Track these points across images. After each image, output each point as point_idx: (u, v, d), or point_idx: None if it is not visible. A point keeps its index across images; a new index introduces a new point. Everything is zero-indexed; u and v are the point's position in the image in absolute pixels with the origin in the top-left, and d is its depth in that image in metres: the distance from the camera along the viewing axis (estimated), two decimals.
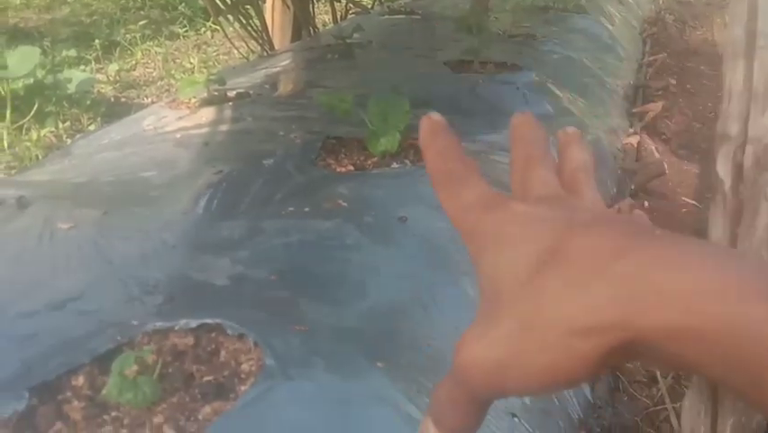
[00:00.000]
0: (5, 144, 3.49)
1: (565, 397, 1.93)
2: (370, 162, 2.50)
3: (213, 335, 1.56)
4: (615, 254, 0.42)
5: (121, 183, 2.34)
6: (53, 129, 3.71)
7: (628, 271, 0.41)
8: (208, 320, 1.57)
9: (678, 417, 2.22)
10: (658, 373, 2.37)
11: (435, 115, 0.58)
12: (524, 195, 0.54)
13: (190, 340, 1.55)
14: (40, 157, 3.33)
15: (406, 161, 2.50)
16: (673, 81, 5.36)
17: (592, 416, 1.93)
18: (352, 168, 2.47)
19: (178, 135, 2.78)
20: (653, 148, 4.10)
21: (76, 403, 1.39)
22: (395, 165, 2.46)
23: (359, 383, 1.50)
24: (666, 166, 3.43)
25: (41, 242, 1.93)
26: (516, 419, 1.71)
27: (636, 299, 0.41)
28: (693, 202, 3.71)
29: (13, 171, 3.14)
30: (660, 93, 4.95)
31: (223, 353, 1.52)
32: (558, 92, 3.67)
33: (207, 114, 3.01)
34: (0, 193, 2.26)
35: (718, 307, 0.39)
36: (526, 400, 1.80)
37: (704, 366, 0.40)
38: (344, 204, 2.16)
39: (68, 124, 3.85)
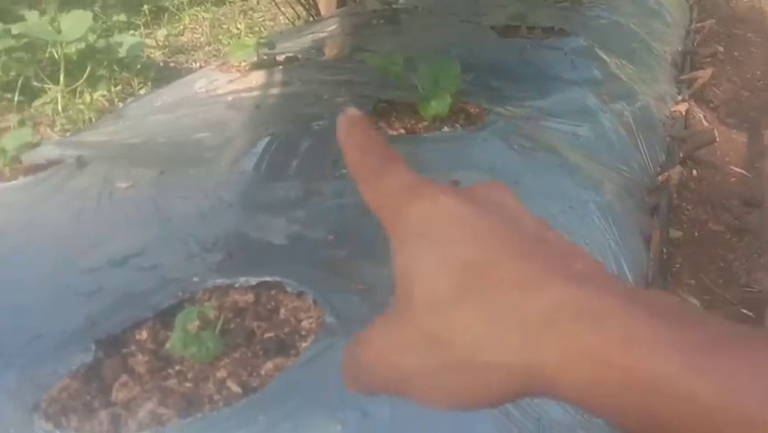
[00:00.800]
0: (60, 108, 3.53)
1: None
2: (420, 126, 2.50)
3: (272, 292, 1.58)
4: (532, 290, 0.41)
5: (175, 144, 2.36)
6: (105, 93, 3.75)
7: (542, 312, 0.40)
8: (268, 278, 1.59)
9: None
10: None
11: (352, 110, 0.54)
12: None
13: (250, 297, 1.57)
14: (93, 119, 3.37)
15: (457, 126, 2.50)
16: (721, 48, 5.27)
17: None
18: (403, 131, 2.47)
19: (230, 98, 2.80)
20: (701, 116, 4.04)
21: (140, 357, 1.42)
22: (446, 129, 2.46)
23: None
24: (717, 134, 3.38)
25: (100, 200, 1.97)
26: None
27: (546, 347, 0.40)
28: (742, 171, 3.66)
29: (67, 134, 3.18)
30: (708, 60, 4.87)
31: (282, 310, 1.54)
32: (606, 57, 3.62)
33: (258, 77, 3.02)
34: (58, 153, 2.30)
35: (626, 359, 0.37)
36: None
37: (612, 417, 0.39)
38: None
39: (119, 87, 3.89)
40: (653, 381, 0.36)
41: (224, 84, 2.99)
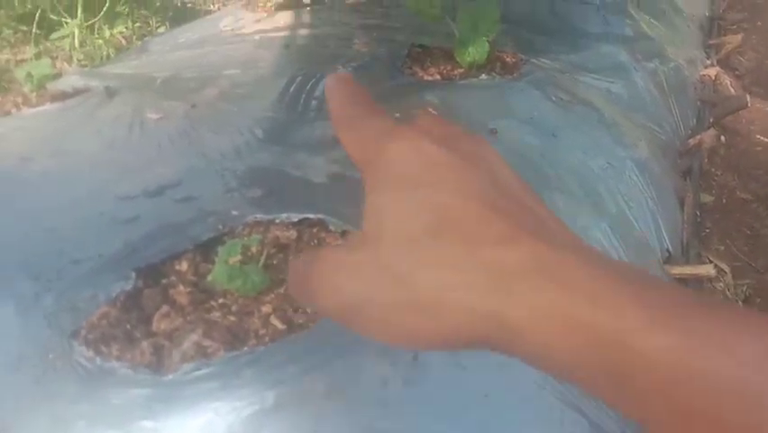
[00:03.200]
0: (77, 43, 3.44)
1: None
2: (456, 72, 2.42)
3: (314, 230, 1.52)
4: (504, 244, 0.41)
5: (204, 79, 2.28)
6: (124, 29, 3.66)
7: (512, 266, 0.40)
8: (310, 215, 1.53)
9: None
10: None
11: (341, 71, 0.54)
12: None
13: (293, 234, 1.51)
14: (111, 56, 3.28)
15: (494, 74, 2.42)
16: (746, 15, 5.20)
17: None
18: (438, 77, 2.39)
19: (257, 37, 2.71)
20: (728, 82, 3.99)
21: (181, 288, 1.36)
22: (483, 76, 2.38)
23: None
24: (749, 99, 3.31)
25: (132, 130, 1.90)
26: None
27: (514, 299, 0.39)
28: None
29: (85, 69, 3.10)
30: (734, 27, 4.80)
31: None
32: (636, 15, 3.55)
33: (285, 18, 2.93)
34: (84, 83, 2.22)
35: (591, 317, 0.37)
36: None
37: (576, 378, 0.39)
38: (434, 112, 2.10)
39: (137, 25, 3.80)
40: (618, 338, 0.36)
41: (250, 23, 2.90)
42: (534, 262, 0.40)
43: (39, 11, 3.54)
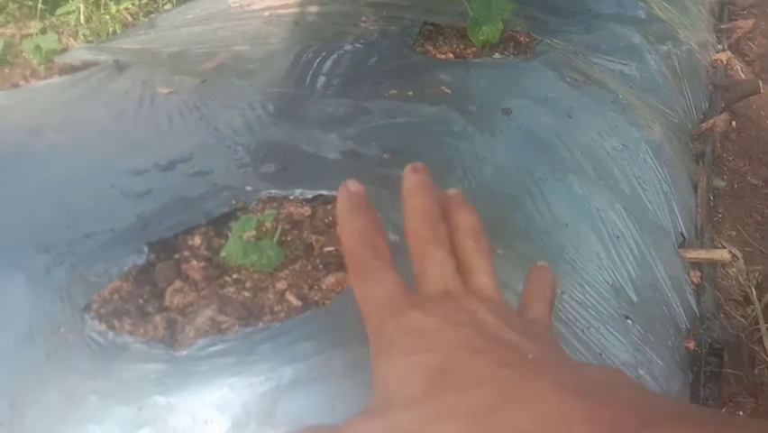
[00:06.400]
0: (83, 18, 3.40)
1: (672, 305, 1.86)
2: (469, 51, 2.39)
3: (329, 207, 1.49)
4: (481, 386, 0.46)
5: (214, 54, 2.25)
6: (130, 5, 3.62)
7: (488, 405, 0.44)
8: (324, 192, 1.50)
9: None
10: (753, 294, 2.29)
11: (353, 186, 0.63)
12: (422, 286, 0.58)
13: (307, 210, 1.48)
14: (118, 32, 3.25)
15: (507, 53, 2.39)
16: (756, 1, 5.16)
17: (701, 327, 1.86)
18: (451, 56, 2.36)
19: (266, 14, 2.68)
20: (739, 68, 3.95)
21: (194, 262, 1.34)
22: (497, 56, 2.35)
23: None
24: (761, 85, 3.28)
25: (141, 104, 1.87)
26: (629, 322, 1.65)
27: None
28: None
29: (93, 44, 3.06)
30: (744, 12, 4.76)
31: None
32: None
33: None
34: (93, 57, 2.19)
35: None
36: (635, 298, 1.74)
37: None
38: (448, 91, 2.07)
39: (144, 1, 3.76)
40: None
41: (258, 0, 2.87)
42: (508, 398, 0.44)
43: None
